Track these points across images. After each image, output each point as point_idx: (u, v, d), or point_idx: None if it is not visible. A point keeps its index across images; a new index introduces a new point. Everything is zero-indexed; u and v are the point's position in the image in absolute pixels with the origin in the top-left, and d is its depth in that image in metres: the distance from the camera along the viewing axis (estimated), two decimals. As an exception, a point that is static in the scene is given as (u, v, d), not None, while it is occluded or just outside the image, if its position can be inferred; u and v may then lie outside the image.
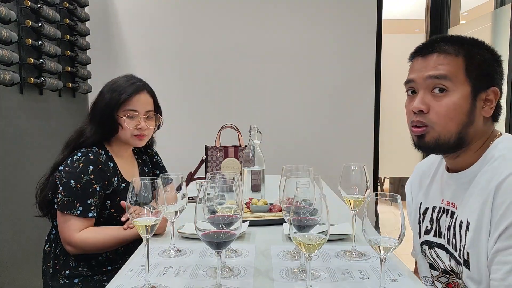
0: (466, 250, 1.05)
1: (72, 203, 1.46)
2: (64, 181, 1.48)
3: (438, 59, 1.07)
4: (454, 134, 1.07)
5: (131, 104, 1.55)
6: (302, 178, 1.09)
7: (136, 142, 1.60)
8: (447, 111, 1.05)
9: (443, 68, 1.06)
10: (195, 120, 3.32)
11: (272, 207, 1.56)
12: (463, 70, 1.06)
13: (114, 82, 1.60)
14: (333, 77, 3.32)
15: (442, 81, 1.06)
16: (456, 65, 1.06)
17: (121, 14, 3.27)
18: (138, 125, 1.56)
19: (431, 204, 1.23)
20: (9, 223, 2.08)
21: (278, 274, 1.05)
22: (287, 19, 3.30)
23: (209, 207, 0.92)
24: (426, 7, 3.59)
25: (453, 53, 1.07)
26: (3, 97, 2.06)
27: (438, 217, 1.19)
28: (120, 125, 1.55)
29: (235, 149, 2.16)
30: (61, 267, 1.55)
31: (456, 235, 1.10)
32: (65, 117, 2.80)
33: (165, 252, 1.21)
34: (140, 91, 1.57)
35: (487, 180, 1.03)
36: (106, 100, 1.55)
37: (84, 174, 1.48)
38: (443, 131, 1.07)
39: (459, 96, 1.05)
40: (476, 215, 1.03)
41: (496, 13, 2.91)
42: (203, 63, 3.29)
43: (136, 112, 1.56)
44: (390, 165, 3.73)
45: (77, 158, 1.50)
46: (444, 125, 1.06)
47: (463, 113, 1.06)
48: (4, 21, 1.95)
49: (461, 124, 1.06)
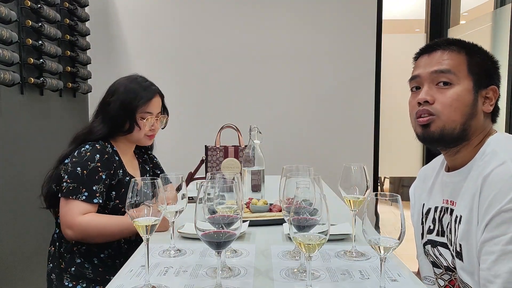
0: (459, 242, 1.08)
1: (77, 189, 1.49)
2: (70, 170, 1.51)
3: (443, 55, 1.13)
4: (458, 125, 1.11)
5: (148, 107, 1.64)
6: (302, 178, 1.09)
7: (146, 142, 1.70)
8: (452, 101, 1.10)
9: (447, 63, 1.12)
10: (195, 120, 3.32)
11: (272, 207, 1.57)
12: (465, 65, 1.12)
13: (129, 82, 1.65)
14: (333, 77, 3.32)
15: (446, 74, 1.11)
16: (459, 60, 1.12)
17: (121, 14, 3.27)
18: (152, 126, 1.66)
19: (433, 204, 1.25)
20: (10, 222, 2.08)
21: (278, 274, 1.05)
22: (287, 19, 3.30)
23: (209, 207, 0.92)
24: (426, 7, 3.58)
25: (456, 50, 1.13)
26: (4, 97, 2.07)
27: (440, 217, 1.20)
28: (138, 126, 1.62)
29: (235, 149, 2.16)
30: (66, 265, 1.56)
31: (451, 230, 1.13)
32: (66, 117, 2.80)
33: (165, 252, 1.21)
34: (155, 95, 1.67)
35: (477, 174, 1.07)
36: (124, 101, 1.61)
37: (91, 161, 1.52)
38: (448, 121, 1.10)
39: (463, 89, 1.11)
40: (467, 209, 1.07)
41: (496, 13, 2.91)
42: (203, 63, 3.29)
43: (151, 114, 1.65)
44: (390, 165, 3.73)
45: (84, 149, 1.55)
46: (449, 115, 1.10)
47: (466, 105, 1.10)
48: (4, 21, 1.95)
49: (465, 115, 1.10)
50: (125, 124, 1.61)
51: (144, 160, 1.83)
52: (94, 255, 1.57)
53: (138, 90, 1.62)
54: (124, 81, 1.66)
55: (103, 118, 1.62)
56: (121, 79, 1.67)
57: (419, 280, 1.04)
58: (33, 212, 2.27)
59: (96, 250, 1.57)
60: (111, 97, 1.63)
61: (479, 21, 3.10)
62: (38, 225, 2.30)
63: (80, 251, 1.56)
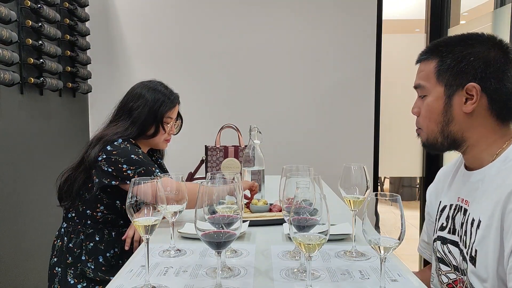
0: (475, 247, 1.06)
1: (148, 170, 1.54)
2: (121, 159, 1.54)
3: (420, 66, 1.19)
4: (437, 134, 1.14)
5: (172, 113, 1.77)
6: (302, 178, 1.09)
7: (164, 145, 1.81)
8: (425, 112, 1.15)
9: (420, 76, 1.17)
10: (195, 120, 3.31)
11: (272, 207, 1.57)
12: (434, 74, 1.13)
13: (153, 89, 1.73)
14: (333, 77, 3.32)
15: (420, 89, 1.17)
16: (429, 69, 1.14)
17: (121, 14, 3.26)
18: (171, 130, 1.79)
19: (448, 202, 1.23)
20: (10, 222, 2.08)
21: (278, 274, 1.05)
22: (287, 19, 3.30)
23: (209, 207, 0.92)
24: (426, 7, 3.58)
25: (429, 58, 1.15)
26: (4, 97, 2.07)
27: (454, 215, 1.19)
28: (164, 130, 1.72)
29: (235, 149, 2.16)
30: (73, 261, 1.56)
31: (467, 232, 1.11)
32: (66, 117, 2.80)
33: (165, 252, 1.21)
34: (178, 101, 1.81)
35: (501, 181, 1.04)
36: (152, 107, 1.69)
37: (136, 150, 1.60)
38: (428, 131, 1.16)
39: (432, 98, 1.13)
40: (487, 215, 1.04)
41: (496, 13, 2.91)
42: (203, 63, 3.28)
43: (172, 119, 1.78)
44: (390, 165, 3.72)
45: (119, 142, 1.60)
46: (426, 126, 1.16)
47: (437, 113, 1.13)
48: (4, 21, 1.95)
49: (439, 123, 1.13)
50: (151, 128, 1.69)
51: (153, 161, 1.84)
52: (100, 253, 1.58)
53: (165, 97, 1.73)
54: (147, 89, 1.72)
55: (132, 122, 1.67)
56: (143, 85, 1.74)
57: (419, 280, 1.04)
58: (33, 211, 2.27)
59: (103, 248, 1.57)
60: (137, 102, 1.68)
61: (479, 21, 3.10)
62: (38, 225, 2.30)
63: (88, 247, 1.56)
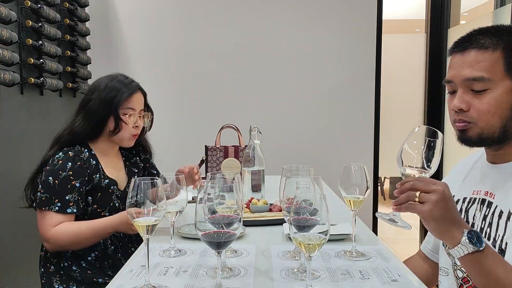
0: (506, 240, 1.04)
1: (50, 200, 1.47)
2: (43, 179, 1.50)
3: (476, 56, 1.05)
4: (498, 129, 1.06)
5: (130, 103, 1.61)
6: (302, 178, 1.09)
7: (130, 142, 1.66)
8: (488, 107, 1.04)
9: (480, 67, 1.04)
10: (195, 120, 3.31)
11: (272, 207, 1.57)
12: (502, 65, 1.03)
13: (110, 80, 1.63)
14: (333, 77, 3.32)
15: (480, 82, 1.04)
16: (494, 61, 1.03)
17: (121, 14, 3.26)
18: (136, 123, 1.62)
19: (462, 195, 1.22)
20: (9, 223, 2.08)
21: (278, 274, 1.05)
22: (287, 18, 3.30)
23: (209, 207, 0.92)
24: (426, 7, 3.58)
25: (491, 47, 1.04)
26: (4, 97, 2.07)
27: (468, 207, 1.17)
28: (124, 122, 1.59)
29: (235, 149, 2.16)
30: (55, 269, 1.56)
31: (492, 225, 1.08)
32: (66, 117, 2.76)
33: (165, 252, 1.21)
34: (136, 90, 1.64)
35: None
36: (105, 97, 1.58)
37: (62, 170, 1.50)
38: (486, 127, 1.06)
39: (500, 92, 1.03)
40: None
41: (496, 13, 2.91)
42: (204, 63, 3.28)
43: (134, 110, 1.62)
44: (390, 165, 3.72)
45: (57, 157, 1.53)
46: (487, 121, 1.05)
47: (505, 108, 1.04)
48: (4, 22, 1.95)
49: (504, 118, 1.05)
50: (108, 121, 1.58)
51: (133, 162, 1.78)
52: (81, 258, 1.56)
53: (119, 86, 1.60)
54: (104, 79, 1.64)
55: (85, 116, 1.60)
56: (102, 78, 1.66)
57: (420, 280, 1.04)
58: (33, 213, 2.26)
59: (82, 253, 1.56)
60: (92, 95, 1.61)
61: (479, 21, 3.10)
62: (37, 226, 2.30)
63: (67, 255, 1.55)
